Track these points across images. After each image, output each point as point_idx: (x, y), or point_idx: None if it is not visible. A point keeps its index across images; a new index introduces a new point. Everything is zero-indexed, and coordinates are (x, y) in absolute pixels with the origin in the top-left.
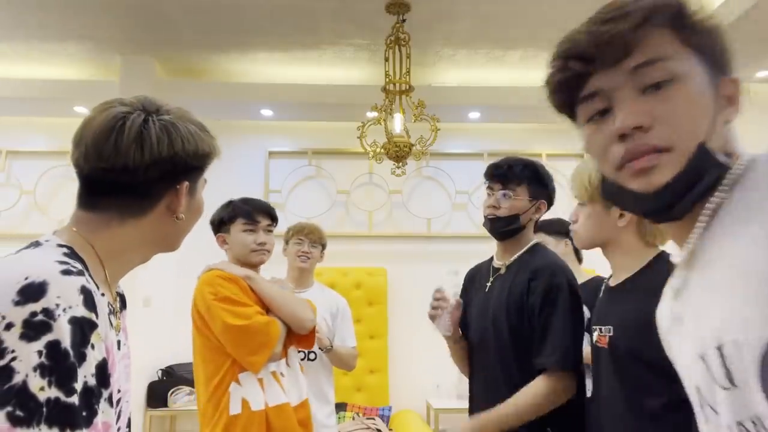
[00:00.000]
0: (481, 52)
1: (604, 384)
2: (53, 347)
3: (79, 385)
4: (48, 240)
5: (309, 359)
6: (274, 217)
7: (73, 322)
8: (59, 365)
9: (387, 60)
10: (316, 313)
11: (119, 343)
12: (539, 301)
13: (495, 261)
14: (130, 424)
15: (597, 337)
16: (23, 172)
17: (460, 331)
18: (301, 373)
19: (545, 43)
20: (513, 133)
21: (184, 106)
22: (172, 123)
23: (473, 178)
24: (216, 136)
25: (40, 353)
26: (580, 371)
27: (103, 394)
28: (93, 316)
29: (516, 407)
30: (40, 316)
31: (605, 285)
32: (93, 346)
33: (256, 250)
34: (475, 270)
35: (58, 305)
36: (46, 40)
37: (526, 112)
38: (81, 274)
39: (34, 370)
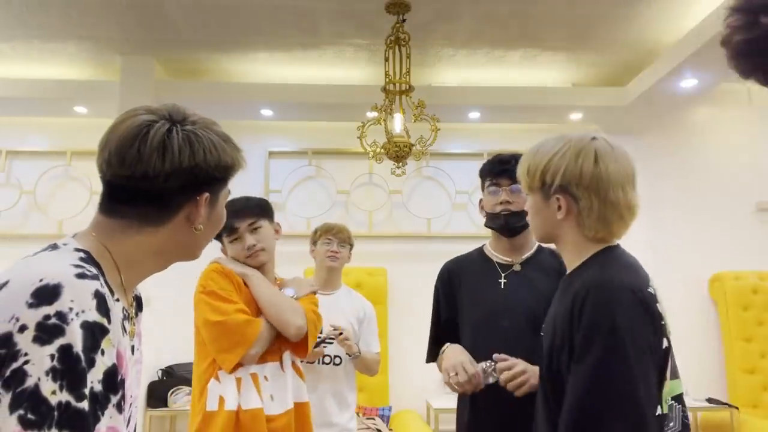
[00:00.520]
0: (481, 52)
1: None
2: (65, 351)
3: (87, 391)
4: (66, 243)
5: (334, 364)
6: (256, 212)
7: (85, 326)
8: (71, 370)
9: (387, 60)
10: (321, 321)
11: (132, 348)
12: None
13: (498, 257)
14: (135, 428)
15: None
16: (23, 172)
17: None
18: (299, 381)
19: (545, 43)
20: (513, 133)
21: (184, 106)
22: (195, 133)
23: (473, 178)
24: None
25: (52, 357)
26: None
27: (111, 400)
28: (105, 322)
29: None
30: (54, 320)
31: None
32: (103, 352)
33: (249, 256)
34: (459, 267)
35: (71, 309)
36: (46, 40)
37: (526, 112)
38: (95, 278)
39: (47, 374)
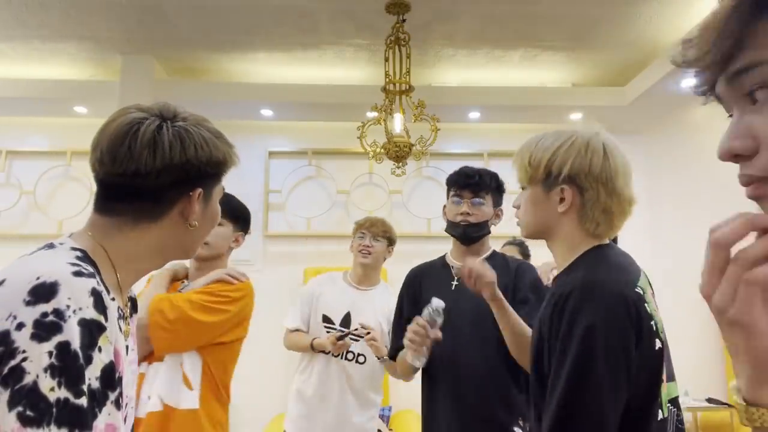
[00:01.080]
0: (481, 52)
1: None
2: (63, 348)
3: (86, 387)
4: (62, 243)
5: (357, 362)
6: (227, 209)
7: (83, 324)
8: (69, 366)
9: (387, 60)
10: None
11: (127, 348)
12: (530, 291)
13: (454, 262)
14: (133, 430)
15: None
16: (23, 172)
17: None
18: (178, 384)
19: (545, 43)
20: (513, 133)
21: (184, 106)
22: (186, 129)
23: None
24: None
25: (50, 354)
26: None
27: (110, 397)
28: (102, 319)
29: (519, 323)
30: (51, 317)
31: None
32: (100, 349)
33: None
34: (422, 271)
35: (68, 306)
36: (46, 40)
37: (526, 112)
38: (92, 276)
39: (45, 370)
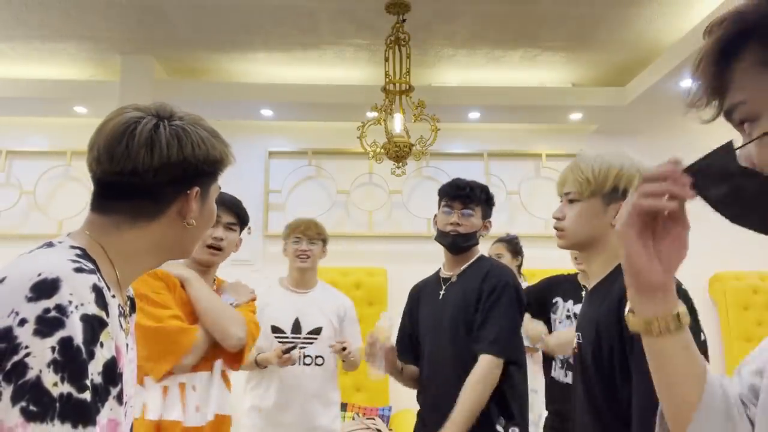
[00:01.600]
0: (481, 52)
1: (576, 390)
2: (66, 343)
3: (89, 382)
4: (61, 241)
5: (316, 364)
6: (239, 215)
7: (85, 319)
8: (72, 361)
9: (387, 60)
10: (259, 332)
11: (127, 347)
12: (486, 294)
13: (443, 272)
14: (132, 427)
15: (576, 342)
16: (23, 172)
17: (400, 364)
18: (225, 392)
19: (545, 43)
20: (513, 133)
21: (184, 106)
22: (183, 128)
23: (473, 178)
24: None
25: (53, 349)
26: (520, 362)
27: (112, 392)
28: (104, 315)
29: (461, 407)
30: (53, 313)
31: (586, 290)
32: (102, 345)
33: (210, 246)
34: (421, 286)
35: (70, 302)
36: (46, 40)
37: (526, 112)
38: (93, 272)
39: (48, 365)
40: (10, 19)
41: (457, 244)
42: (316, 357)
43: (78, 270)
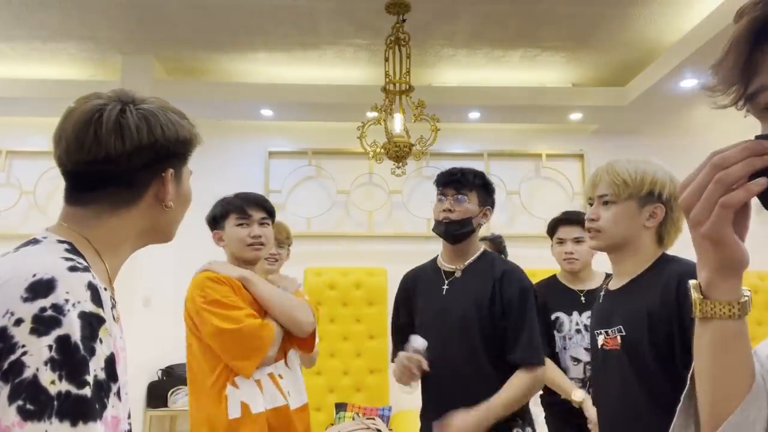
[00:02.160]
0: (481, 52)
1: (613, 385)
2: (63, 341)
3: (90, 378)
4: (46, 237)
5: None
6: (269, 210)
7: (82, 317)
8: (70, 359)
9: (387, 60)
10: (318, 314)
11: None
12: (515, 302)
13: (444, 264)
14: (130, 415)
15: (603, 340)
16: (23, 172)
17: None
18: (301, 375)
19: (545, 43)
20: (513, 133)
21: (184, 106)
22: (151, 111)
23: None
24: (215, 135)
25: (50, 347)
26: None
27: (113, 388)
28: (100, 311)
29: (504, 399)
30: (50, 312)
31: (605, 289)
32: (101, 341)
33: (251, 244)
34: (416, 275)
35: (67, 300)
36: (46, 40)
37: (526, 112)
38: (87, 270)
39: (45, 364)
40: (10, 19)
41: (450, 231)
42: None
43: (72, 269)
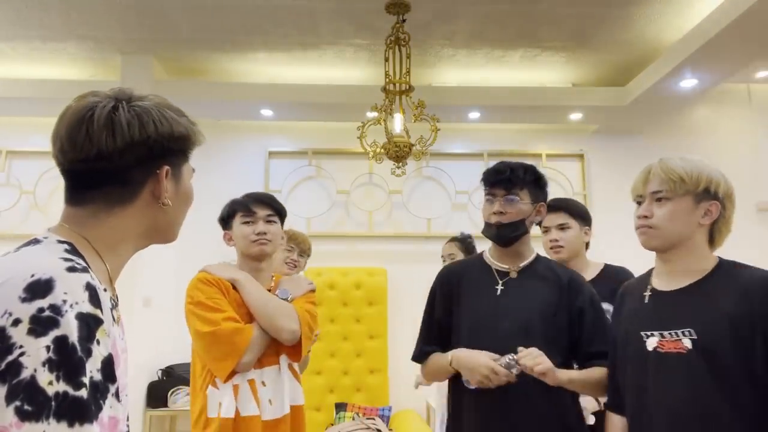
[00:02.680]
0: (481, 52)
1: (676, 389)
2: (61, 342)
3: (87, 380)
4: (46, 237)
5: None
6: (276, 208)
7: (80, 317)
8: (67, 360)
9: (387, 60)
10: (317, 321)
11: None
12: (588, 308)
13: (495, 264)
14: (128, 417)
15: (657, 342)
16: (23, 172)
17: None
18: (296, 384)
19: (545, 43)
20: (513, 133)
21: (184, 106)
22: (144, 108)
23: (473, 179)
24: (215, 135)
25: (48, 348)
26: None
27: (110, 390)
28: (98, 313)
29: (585, 375)
30: (48, 312)
31: (651, 289)
32: (98, 342)
33: (255, 241)
34: (461, 271)
35: (65, 301)
36: (46, 40)
37: (526, 112)
38: (86, 270)
39: (43, 364)
40: (10, 19)
41: (503, 236)
42: None
43: (71, 269)
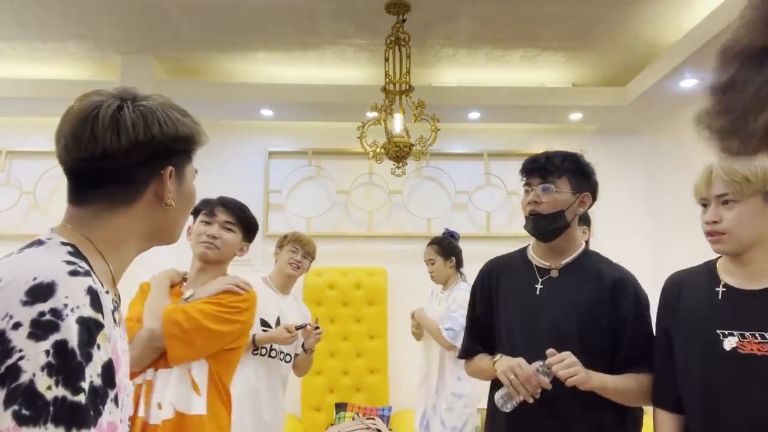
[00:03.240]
0: (481, 52)
1: (757, 392)
2: (61, 346)
3: (86, 385)
4: (50, 238)
5: (285, 361)
6: (240, 217)
7: (81, 322)
8: (67, 364)
9: (387, 60)
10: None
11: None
12: (631, 316)
13: (537, 260)
14: (128, 418)
15: (737, 343)
16: (23, 172)
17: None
18: (187, 390)
19: (545, 43)
20: (513, 133)
21: (184, 106)
22: (149, 108)
23: (473, 179)
24: (215, 135)
25: (47, 352)
26: None
27: (109, 395)
28: (99, 317)
29: (620, 382)
30: (48, 316)
31: (725, 286)
32: (99, 347)
33: (203, 242)
34: (501, 267)
35: (66, 305)
36: (46, 40)
37: (526, 112)
38: (88, 274)
39: (42, 369)
40: (10, 19)
41: (539, 228)
42: (285, 354)
43: (73, 273)
